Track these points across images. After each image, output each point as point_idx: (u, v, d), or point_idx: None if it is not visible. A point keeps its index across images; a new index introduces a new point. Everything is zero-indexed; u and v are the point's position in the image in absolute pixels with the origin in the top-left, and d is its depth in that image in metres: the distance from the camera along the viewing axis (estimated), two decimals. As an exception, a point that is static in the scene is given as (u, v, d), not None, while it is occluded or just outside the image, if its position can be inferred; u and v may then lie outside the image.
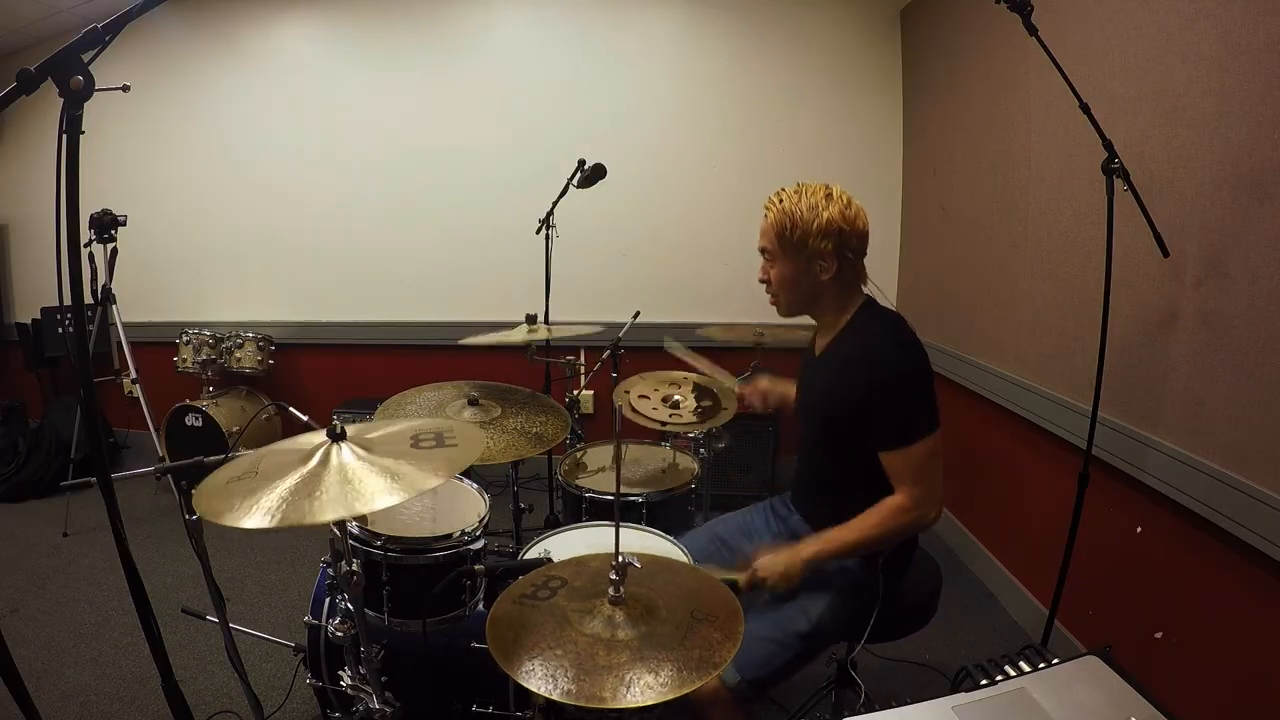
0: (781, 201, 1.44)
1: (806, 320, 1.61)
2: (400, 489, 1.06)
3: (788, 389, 1.81)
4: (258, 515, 1.01)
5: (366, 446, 1.16)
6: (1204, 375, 1.70)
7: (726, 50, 3.61)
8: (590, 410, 3.88)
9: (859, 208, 1.45)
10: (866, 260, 1.50)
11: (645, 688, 0.97)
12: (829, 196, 1.42)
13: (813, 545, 1.42)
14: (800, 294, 1.50)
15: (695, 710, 1.37)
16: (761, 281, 1.55)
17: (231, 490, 1.08)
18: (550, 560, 1.38)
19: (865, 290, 1.52)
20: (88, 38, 0.92)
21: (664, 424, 2.14)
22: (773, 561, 1.42)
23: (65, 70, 0.90)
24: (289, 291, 4.11)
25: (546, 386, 2.79)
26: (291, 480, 1.07)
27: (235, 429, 3.59)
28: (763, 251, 1.52)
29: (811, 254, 1.43)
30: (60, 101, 0.91)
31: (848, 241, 1.43)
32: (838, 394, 1.46)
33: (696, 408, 2.21)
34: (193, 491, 1.13)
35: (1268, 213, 1.51)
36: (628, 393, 2.19)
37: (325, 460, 1.12)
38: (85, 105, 0.93)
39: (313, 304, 4.08)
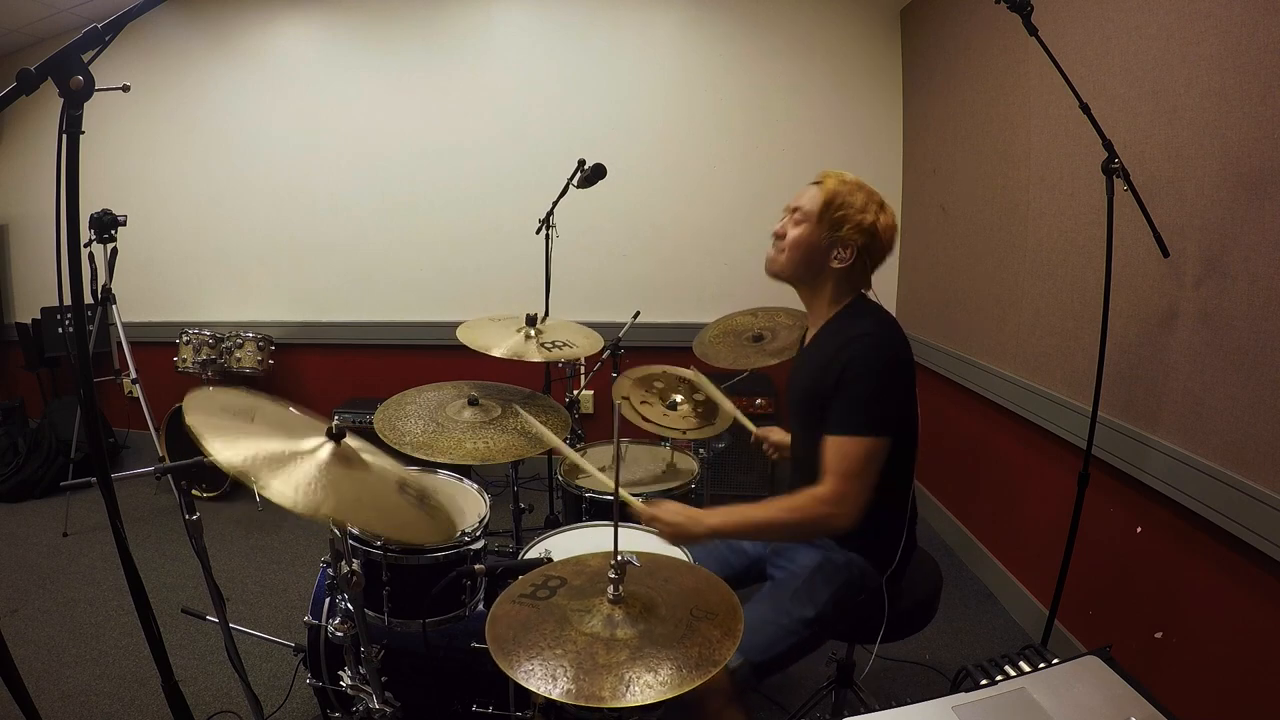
0: (844, 182, 1.48)
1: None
2: (337, 510, 1.04)
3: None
4: (218, 443, 1.00)
5: (348, 460, 1.14)
6: (1204, 375, 1.70)
7: (726, 50, 3.61)
8: (590, 410, 3.88)
9: (896, 232, 1.50)
10: None
11: (645, 686, 0.97)
12: (882, 207, 1.48)
13: (718, 516, 1.41)
14: (806, 263, 1.50)
15: (694, 700, 1.37)
16: (776, 235, 1.54)
17: (220, 416, 1.09)
18: (550, 560, 1.38)
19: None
20: (88, 38, 0.92)
21: (669, 427, 2.15)
22: (673, 515, 1.41)
23: (65, 70, 0.90)
24: (289, 291, 4.11)
25: (546, 386, 2.79)
26: (267, 441, 1.07)
27: (235, 429, 3.59)
28: (795, 210, 1.52)
29: (840, 239, 1.46)
30: (60, 101, 0.91)
31: (873, 248, 1.48)
32: (818, 380, 1.46)
33: (696, 407, 2.21)
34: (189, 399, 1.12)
35: (1268, 213, 1.51)
36: (626, 398, 2.19)
37: (309, 450, 1.11)
38: (85, 105, 0.93)
39: (313, 304, 4.08)
